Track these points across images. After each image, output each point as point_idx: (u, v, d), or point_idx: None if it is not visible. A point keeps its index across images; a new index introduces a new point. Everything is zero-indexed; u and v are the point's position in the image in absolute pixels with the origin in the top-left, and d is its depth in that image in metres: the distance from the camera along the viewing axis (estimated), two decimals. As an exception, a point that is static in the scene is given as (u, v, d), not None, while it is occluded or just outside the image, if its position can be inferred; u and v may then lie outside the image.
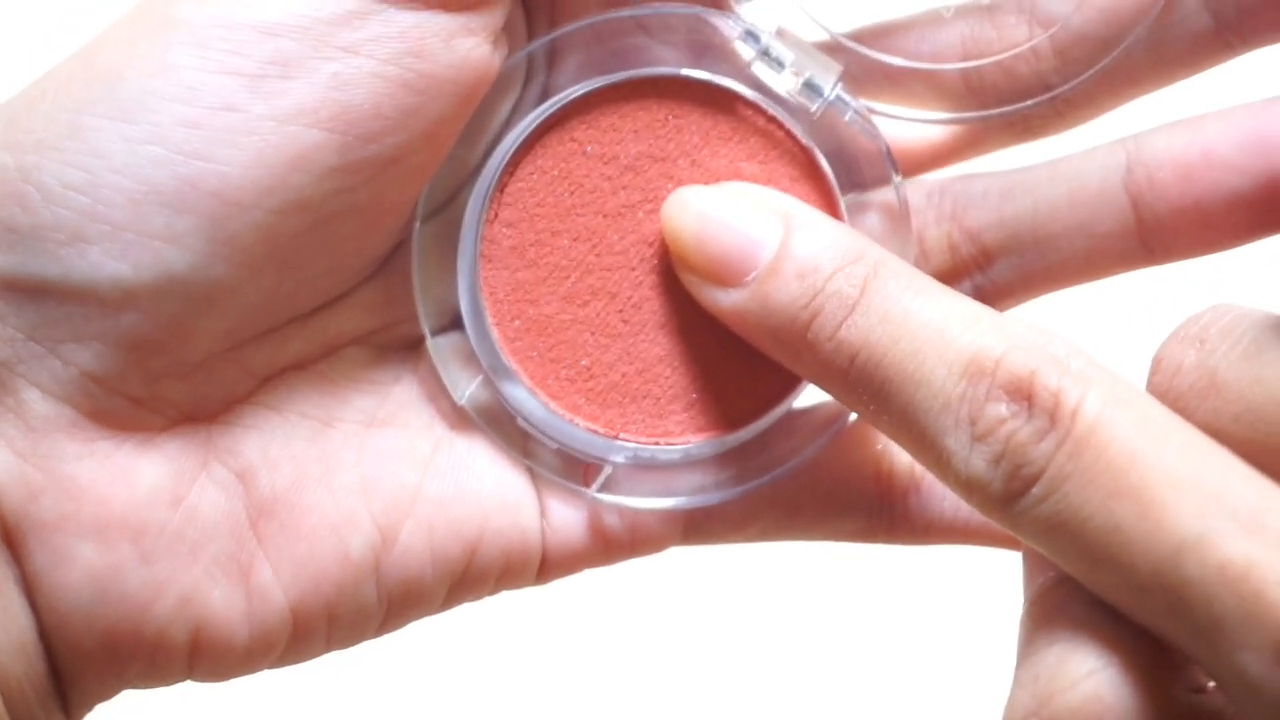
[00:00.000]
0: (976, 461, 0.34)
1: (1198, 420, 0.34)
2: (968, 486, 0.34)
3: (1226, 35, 0.40)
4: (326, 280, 0.38)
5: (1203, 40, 0.40)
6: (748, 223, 0.38)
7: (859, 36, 0.41)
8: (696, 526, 0.42)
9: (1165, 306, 0.39)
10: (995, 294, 0.42)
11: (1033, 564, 0.36)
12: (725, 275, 0.38)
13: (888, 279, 0.37)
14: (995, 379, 0.34)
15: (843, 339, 0.36)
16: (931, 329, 0.35)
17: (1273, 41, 0.40)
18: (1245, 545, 0.31)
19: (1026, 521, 0.34)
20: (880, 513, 0.42)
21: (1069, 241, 0.41)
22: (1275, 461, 0.33)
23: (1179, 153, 0.40)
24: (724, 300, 0.38)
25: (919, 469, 0.42)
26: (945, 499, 0.42)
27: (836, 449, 0.42)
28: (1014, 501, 0.34)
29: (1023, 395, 0.34)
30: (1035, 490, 0.33)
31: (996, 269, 0.42)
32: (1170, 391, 0.35)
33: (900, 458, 0.42)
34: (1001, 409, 0.34)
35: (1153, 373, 0.35)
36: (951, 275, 0.42)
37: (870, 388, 0.36)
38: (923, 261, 0.42)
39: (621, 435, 0.41)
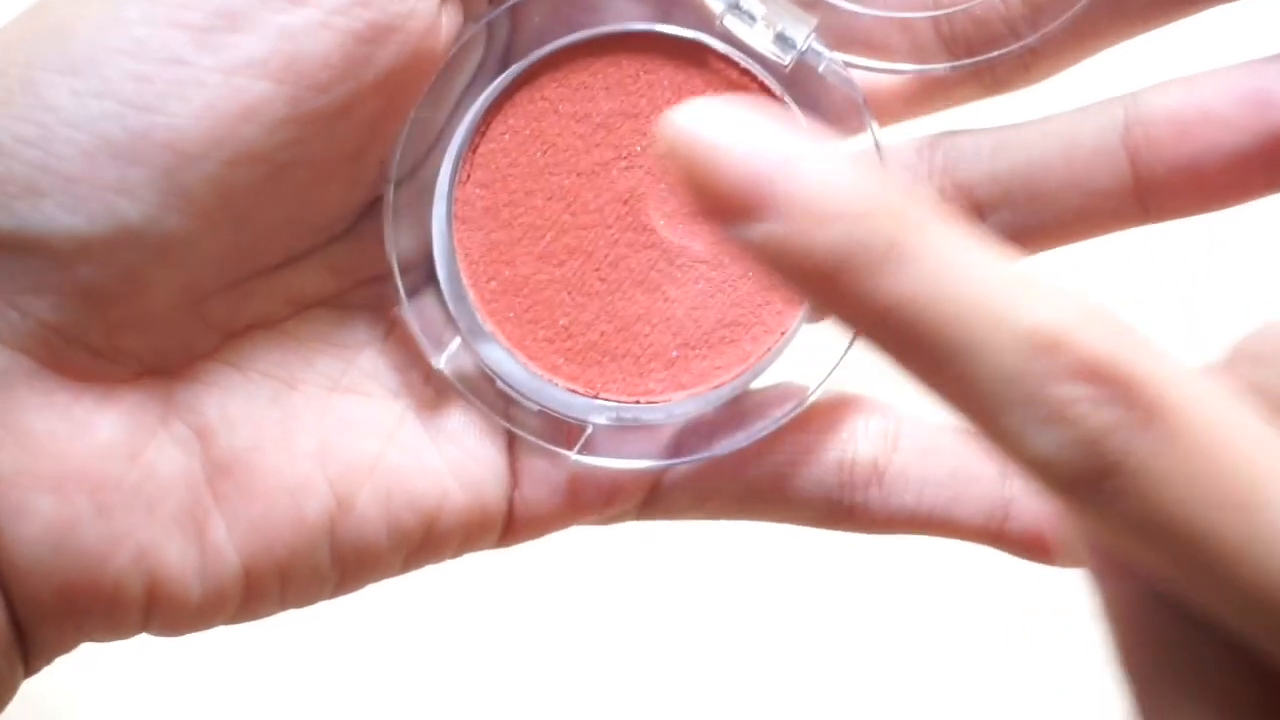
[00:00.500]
0: (1046, 444, 0.30)
1: None
2: (1036, 468, 0.31)
3: None
4: (286, 234, 0.38)
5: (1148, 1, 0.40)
6: (780, 141, 0.32)
7: (831, -12, 0.41)
8: (658, 498, 0.41)
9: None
10: None
11: (1106, 569, 0.33)
12: (750, 203, 0.32)
13: (936, 226, 0.32)
14: (1070, 355, 0.30)
15: (882, 287, 0.31)
16: (990, 289, 0.31)
17: (1221, 2, 0.39)
18: None
19: (1118, 513, 0.31)
20: (840, 501, 0.41)
21: (1064, 198, 0.40)
22: None
23: (1176, 109, 0.39)
24: (744, 232, 0.32)
25: (882, 459, 0.41)
26: (907, 492, 0.41)
27: (804, 432, 0.41)
28: (1097, 489, 0.31)
29: (1099, 376, 0.30)
30: (1122, 480, 0.30)
31: (988, 224, 0.41)
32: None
33: (864, 445, 0.41)
34: (1075, 390, 0.30)
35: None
36: None
37: (916, 345, 0.32)
38: None
39: (602, 395, 0.41)
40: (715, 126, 0.31)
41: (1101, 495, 0.30)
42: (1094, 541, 0.33)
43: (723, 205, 0.32)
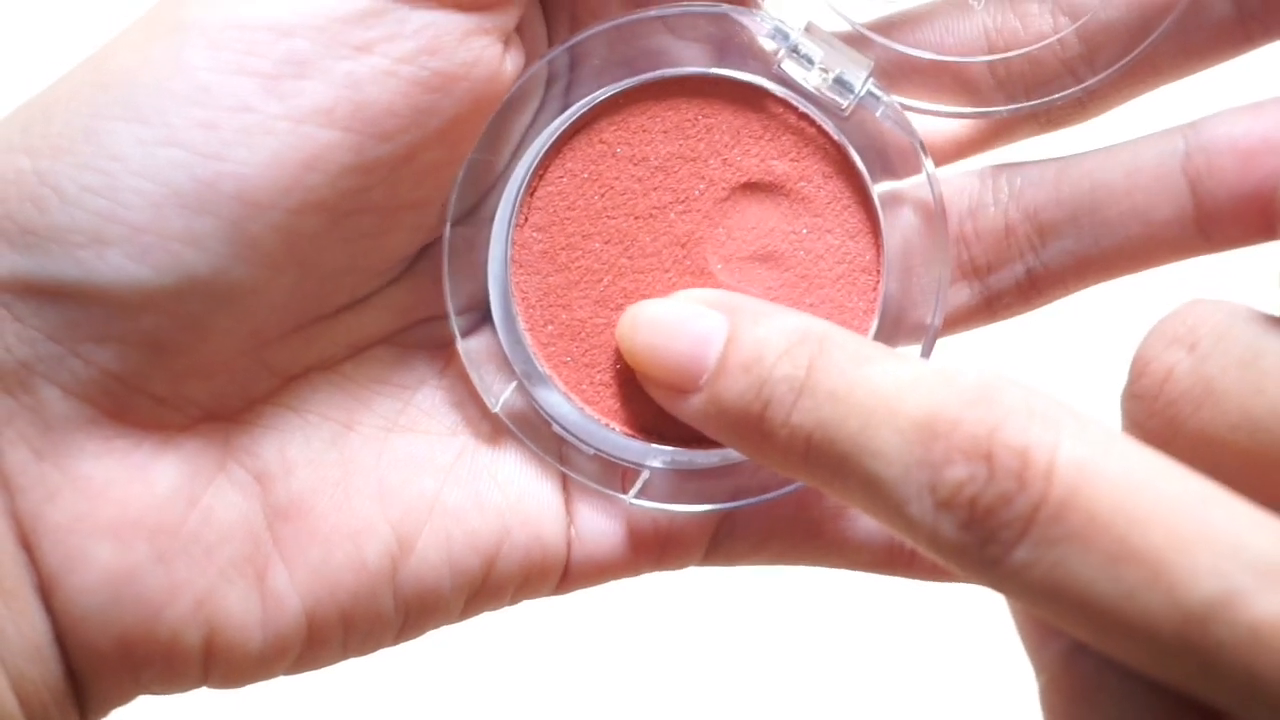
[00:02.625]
0: (945, 528, 0.32)
1: (1191, 429, 0.32)
2: (944, 553, 0.32)
3: (1249, 25, 0.40)
4: (348, 279, 0.38)
5: (1225, 30, 0.40)
6: (694, 324, 0.37)
7: (884, 29, 0.41)
8: (717, 545, 0.41)
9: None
10: (1047, 278, 0.41)
11: (1034, 633, 0.34)
12: (683, 381, 0.37)
13: (833, 352, 0.35)
14: (951, 440, 0.32)
15: (795, 424, 0.35)
16: (879, 396, 0.33)
17: None
18: (1273, 600, 0.29)
19: (1020, 586, 0.31)
20: (901, 545, 0.41)
21: (1125, 226, 0.40)
22: (1276, 472, 0.32)
23: (1239, 138, 0.39)
24: (686, 408, 0.37)
25: None
26: None
27: None
28: (997, 566, 0.32)
29: (981, 456, 0.31)
30: (1020, 554, 0.31)
31: (1050, 251, 0.41)
32: (1160, 399, 0.33)
33: None
34: (960, 471, 0.31)
35: (1137, 376, 0.34)
36: (1003, 257, 0.41)
37: (829, 467, 0.34)
38: (974, 243, 0.41)
39: (658, 439, 0.41)
40: (646, 330, 0.38)
41: (997, 570, 0.31)
42: (1015, 608, 0.34)
43: (665, 389, 0.38)
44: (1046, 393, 0.32)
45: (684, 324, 0.37)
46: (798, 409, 0.35)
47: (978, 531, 0.31)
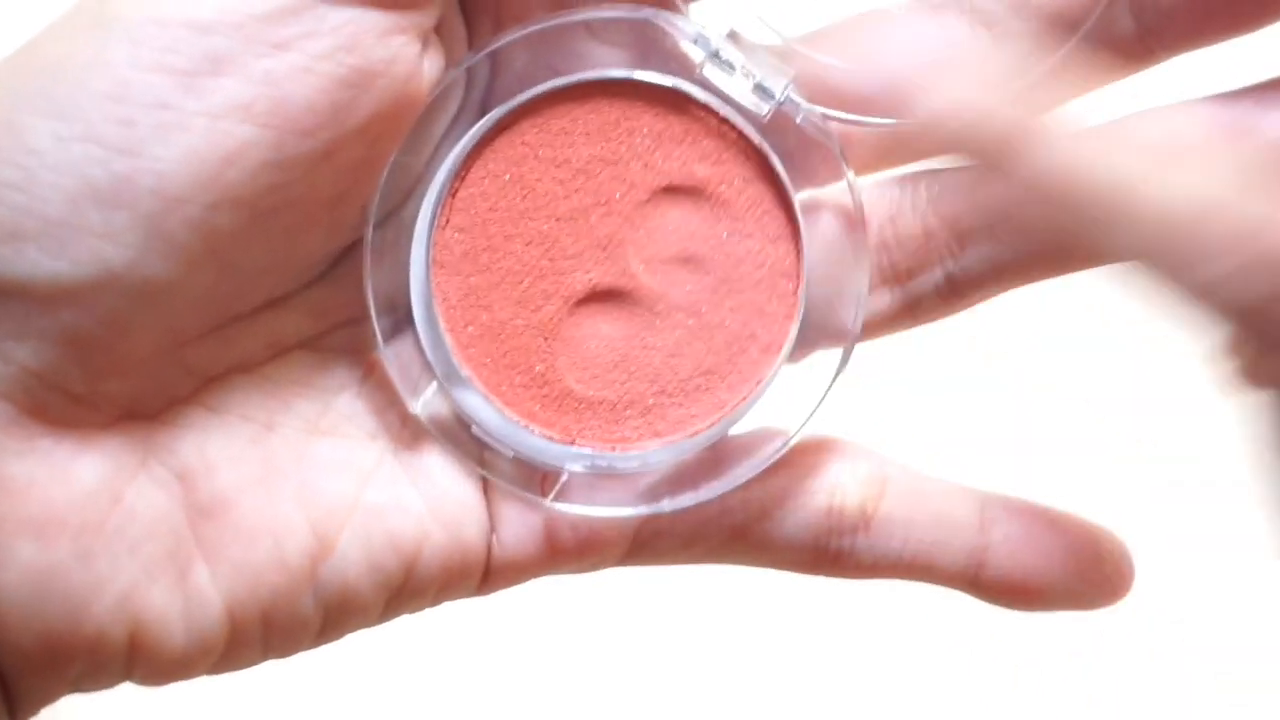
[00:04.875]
0: None
1: None
2: None
3: (1149, 40, 0.40)
4: (267, 278, 0.38)
5: (1126, 44, 0.40)
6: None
7: (810, 41, 0.41)
8: (643, 544, 0.41)
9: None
10: (967, 283, 0.41)
11: None
12: None
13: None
14: None
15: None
16: None
17: (1195, 47, 0.40)
18: None
19: None
20: (826, 546, 0.41)
21: (1040, 233, 0.40)
22: None
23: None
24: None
25: (870, 505, 0.41)
26: (893, 538, 0.41)
27: (788, 476, 0.41)
28: None
29: None
30: None
31: (968, 257, 0.41)
32: None
33: (853, 490, 0.41)
34: None
35: None
36: (923, 262, 0.41)
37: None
38: (894, 248, 0.41)
39: (577, 441, 0.41)
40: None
41: None
42: None
43: None
44: None
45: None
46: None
47: None
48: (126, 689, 0.39)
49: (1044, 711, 0.67)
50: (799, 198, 0.41)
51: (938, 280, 0.41)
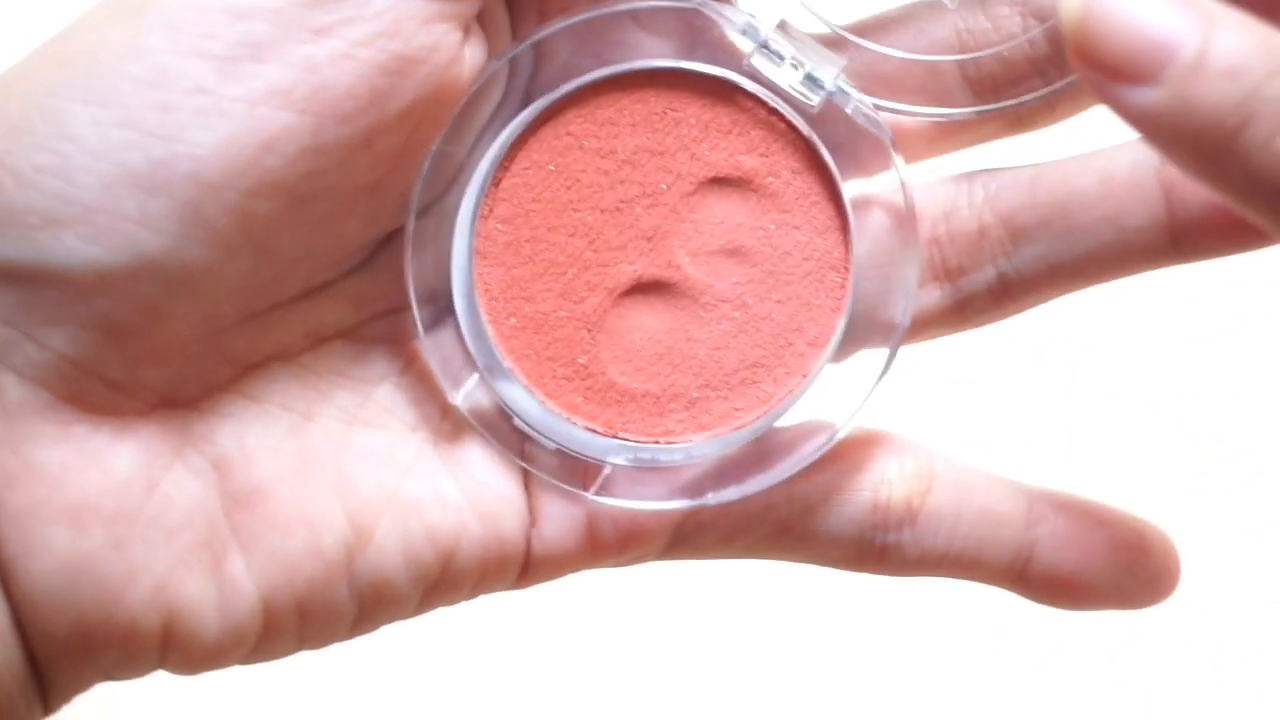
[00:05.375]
0: None
1: None
2: None
3: None
4: (306, 266, 0.38)
5: None
6: (1163, 14, 0.32)
7: (859, 31, 0.41)
8: (685, 538, 0.41)
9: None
10: (1019, 284, 0.40)
11: None
12: (1140, 69, 0.32)
13: None
14: None
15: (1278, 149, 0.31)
16: None
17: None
18: None
19: None
20: (872, 541, 0.41)
21: (1097, 232, 0.40)
22: None
23: None
24: (1135, 99, 0.32)
25: (916, 500, 0.41)
26: (939, 533, 0.41)
27: (834, 470, 0.41)
28: None
29: None
30: None
31: (1022, 256, 0.40)
32: None
33: (899, 485, 0.41)
34: None
35: None
36: (976, 260, 0.40)
37: None
38: (947, 245, 0.41)
39: (620, 434, 0.40)
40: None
41: None
42: None
43: (1110, 71, 0.32)
44: None
45: (1152, 10, 0.32)
46: None
47: None
48: (147, 681, 0.38)
49: (1071, 696, 0.66)
50: (848, 189, 0.40)
51: (990, 278, 0.40)
